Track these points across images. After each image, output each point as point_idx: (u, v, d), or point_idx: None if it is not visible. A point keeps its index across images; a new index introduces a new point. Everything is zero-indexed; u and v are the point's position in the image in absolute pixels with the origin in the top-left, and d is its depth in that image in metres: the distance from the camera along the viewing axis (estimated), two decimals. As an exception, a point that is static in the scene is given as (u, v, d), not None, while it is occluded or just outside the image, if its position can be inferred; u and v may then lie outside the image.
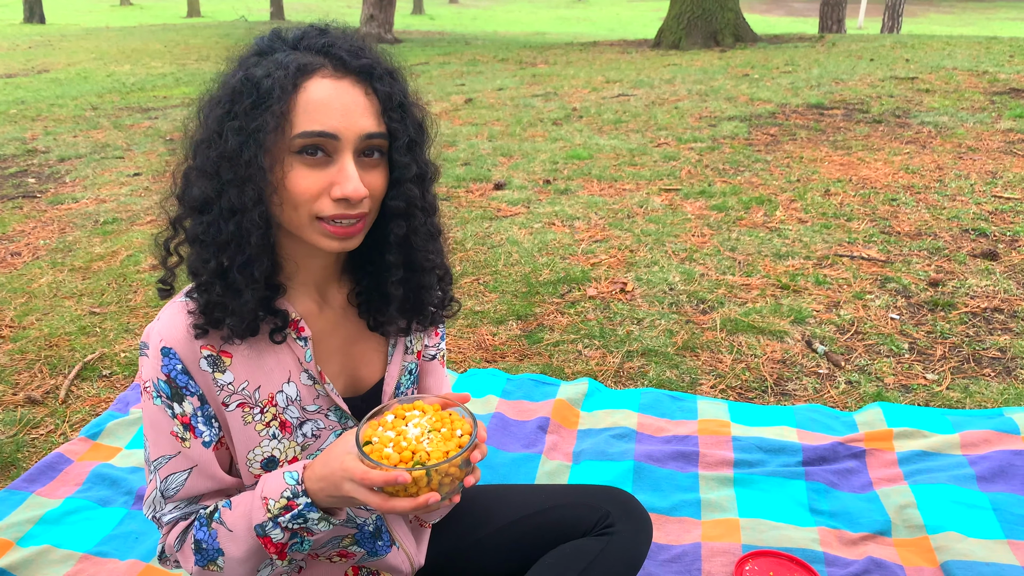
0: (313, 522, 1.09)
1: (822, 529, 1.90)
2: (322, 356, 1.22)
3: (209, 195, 1.06)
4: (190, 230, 1.10)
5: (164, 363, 1.11)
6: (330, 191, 1.04)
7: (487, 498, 1.52)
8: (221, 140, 1.04)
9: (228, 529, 1.12)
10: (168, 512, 1.17)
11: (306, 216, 1.06)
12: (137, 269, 3.65)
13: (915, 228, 3.80)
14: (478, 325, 3.02)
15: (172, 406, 1.13)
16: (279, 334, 1.14)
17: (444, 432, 1.05)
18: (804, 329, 2.89)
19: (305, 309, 1.20)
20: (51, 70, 11.87)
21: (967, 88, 6.86)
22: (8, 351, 2.90)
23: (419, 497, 0.99)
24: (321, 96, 1.03)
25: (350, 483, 1.01)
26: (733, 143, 5.50)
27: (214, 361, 1.13)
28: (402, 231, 1.13)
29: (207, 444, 1.15)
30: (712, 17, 11.27)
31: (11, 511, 2.03)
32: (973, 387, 2.50)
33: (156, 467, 1.16)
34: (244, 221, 1.04)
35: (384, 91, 1.06)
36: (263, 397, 1.16)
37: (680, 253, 3.61)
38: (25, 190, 5.09)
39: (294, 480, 1.08)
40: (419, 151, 1.11)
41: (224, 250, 1.07)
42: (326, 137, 1.03)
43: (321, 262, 1.19)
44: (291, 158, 1.04)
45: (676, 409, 2.42)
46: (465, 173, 5.01)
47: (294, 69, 1.03)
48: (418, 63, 11.30)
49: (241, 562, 1.13)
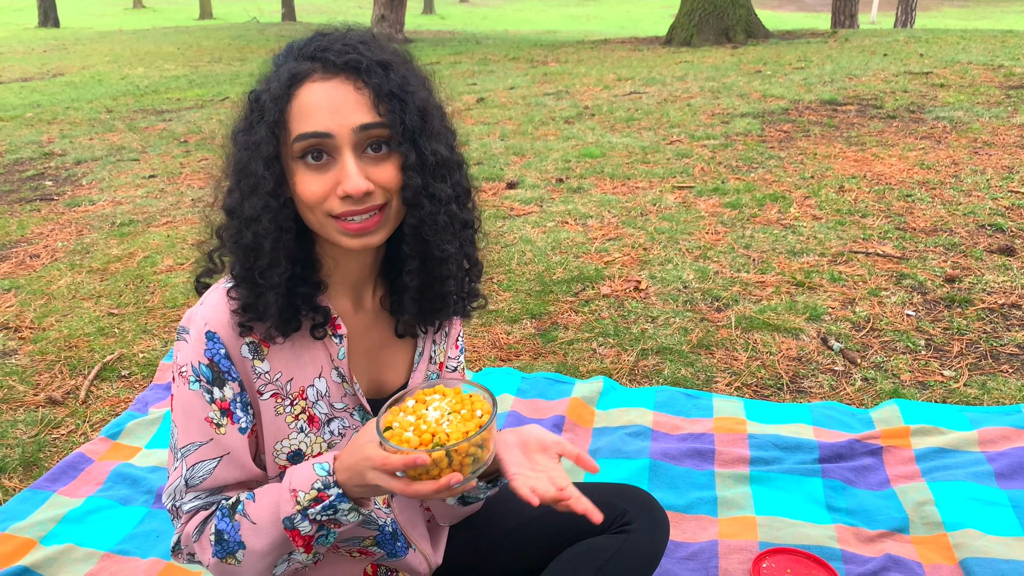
0: (343, 513, 1.09)
1: (839, 526, 1.90)
2: (351, 356, 1.24)
3: (234, 205, 1.11)
4: (225, 236, 1.16)
5: (208, 347, 1.13)
6: (336, 190, 1.06)
7: (502, 497, 1.53)
8: (238, 154, 1.10)
9: (252, 522, 1.13)
10: (188, 501, 1.18)
11: (322, 217, 1.08)
12: (154, 270, 3.68)
13: (931, 224, 3.77)
14: (492, 324, 3.03)
15: (212, 391, 1.14)
16: (320, 330, 1.17)
17: (464, 413, 1.05)
18: (819, 326, 2.88)
19: (341, 308, 1.22)
20: (66, 73, 11.98)
21: (982, 82, 6.81)
22: (29, 352, 2.94)
23: (441, 479, 1.00)
24: (311, 99, 1.05)
25: (373, 471, 1.02)
26: (746, 140, 5.48)
27: (255, 349, 1.15)
28: (414, 221, 1.12)
29: (243, 431, 1.16)
30: (724, 14, 11.22)
31: (34, 510, 2.06)
32: (991, 383, 2.49)
33: (184, 454, 1.17)
34: (258, 229, 1.08)
35: (375, 83, 1.06)
36: (294, 390, 1.18)
37: (694, 251, 3.60)
38: (43, 193, 5.14)
39: (325, 471, 1.09)
40: (423, 139, 1.09)
41: (248, 254, 1.10)
42: (320, 137, 1.05)
43: (356, 262, 1.20)
44: (296, 164, 1.07)
45: (692, 407, 2.42)
46: (478, 172, 5.02)
47: (286, 79, 1.06)
48: (429, 63, 11.25)
49: (261, 556, 1.14)
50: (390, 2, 15.14)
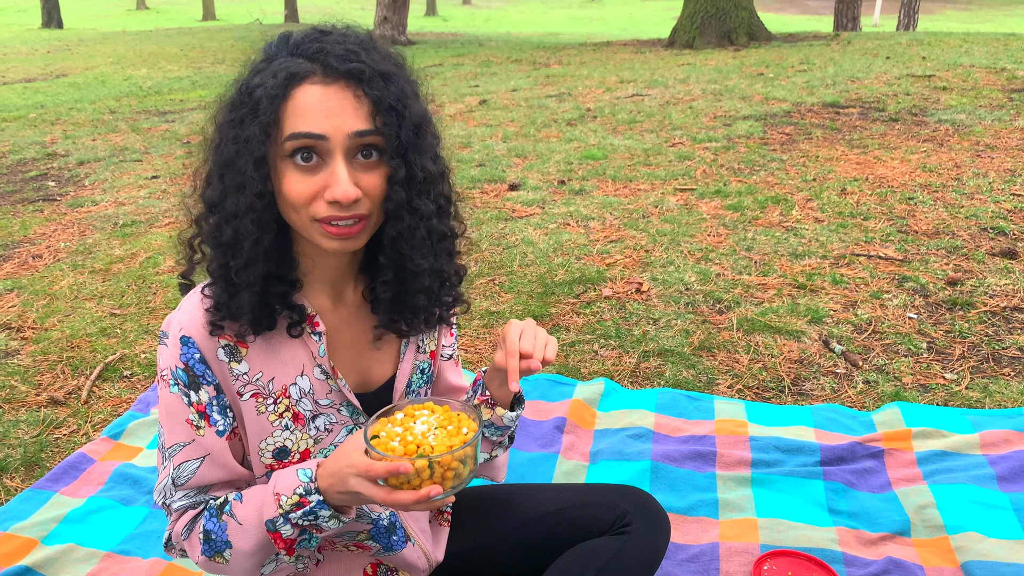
0: (323, 519, 1.10)
1: (840, 529, 1.89)
2: (335, 352, 1.24)
3: (215, 198, 1.10)
4: (204, 229, 1.14)
5: (183, 352, 1.14)
6: (324, 193, 1.05)
7: (505, 497, 1.53)
8: (223, 147, 1.08)
9: (238, 522, 1.13)
10: (178, 500, 1.19)
11: (306, 218, 1.08)
12: (156, 271, 3.69)
13: (933, 227, 3.77)
14: (494, 325, 3.03)
15: (188, 394, 1.15)
16: (296, 328, 1.17)
17: (450, 429, 1.06)
18: (821, 329, 2.88)
19: (320, 305, 1.22)
20: (69, 74, 12.00)
21: (985, 86, 6.81)
22: (31, 352, 2.94)
23: (421, 490, 1.00)
24: (309, 101, 1.04)
25: (355, 478, 1.02)
26: (748, 142, 5.49)
27: (231, 351, 1.15)
28: (393, 232, 1.13)
29: (220, 433, 1.17)
30: (726, 16, 11.23)
31: (36, 510, 2.06)
32: (992, 387, 2.48)
33: (170, 454, 1.18)
34: (240, 226, 1.07)
35: (375, 94, 1.05)
36: (276, 388, 1.18)
37: (696, 253, 3.60)
38: (46, 193, 5.15)
39: (307, 477, 1.10)
40: (414, 155, 1.09)
41: (226, 252, 1.10)
42: (314, 138, 1.04)
43: (336, 261, 1.20)
44: (284, 163, 1.06)
45: (693, 409, 2.42)
46: (480, 174, 5.03)
47: (283, 78, 1.04)
48: (432, 65, 11.33)
49: (248, 556, 1.14)
50: (393, 4, 15.17)
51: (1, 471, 2.25)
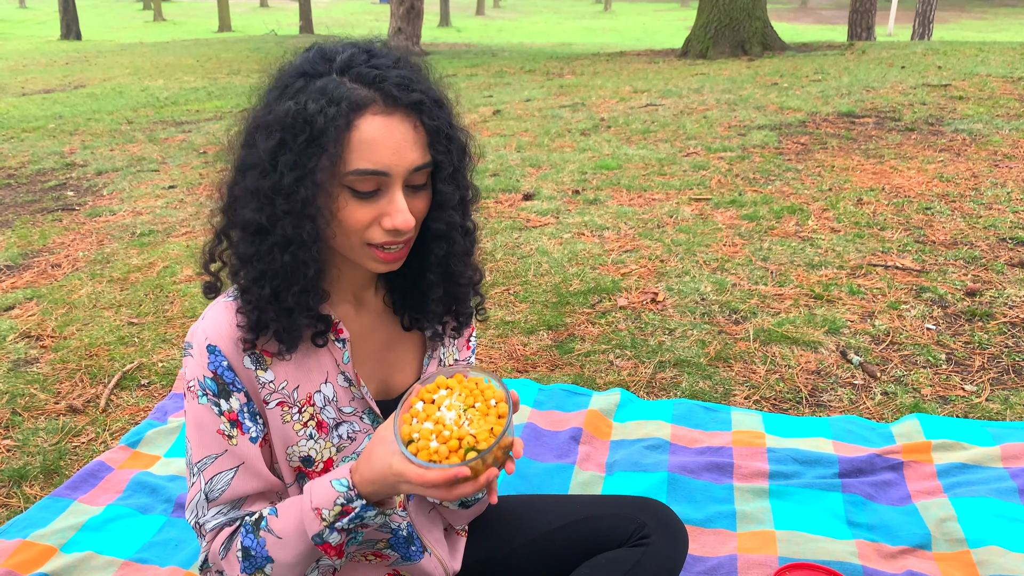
0: (370, 519, 1.12)
1: (860, 542, 1.88)
2: (357, 359, 1.25)
3: (262, 222, 1.07)
4: (242, 250, 1.11)
5: (211, 360, 1.14)
6: (381, 221, 1.08)
7: (521, 508, 1.53)
8: (275, 172, 1.05)
9: (277, 536, 1.14)
10: (212, 518, 1.18)
11: (358, 243, 1.10)
12: (173, 280, 3.71)
13: (950, 237, 3.74)
14: (509, 335, 3.03)
15: (219, 403, 1.15)
16: (321, 338, 1.17)
17: (479, 407, 1.05)
18: (838, 339, 2.86)
19: (343, 312, 1.23)
20: (87, 85, 12.14)
21: (1002, 95, 6.76)
22: (50, 361, 2.97)
23: (480, 479, 1.01)
24: (373, 134, 1.04)
25: (407, 484, 1.04)
26: (763, 152, 5.47)
27: (257, 359, 1.16)
28: (442, 252, 1.17)
29: (254, 440, 1.17)
30: (739, 26, 11.21)
31: (55, 518, 2.07)
32: (1013, 398, 2.46)
33: (200, 468, 1.17)
34: (301, 254, 1.08)
35: (432, 124, 1.08)
36: (301, 397, 1.19)
37: (711, 263, 3.59)
38: (64, 203, 5.20)
39: (345, 487, 1.10)
40: (461, 177, 1.16)
41: (278, 277, 1.09)
42: (379, 175, 1.06)
43: (364, 272, 1.22)
44: (341, 190, 1.07)
45: (710, 420, 2.41)
46: (494, 184, 5.04)
47: (346, 107, 1.03)
48: (446, 75, 11.27)
49: (291, 567, 1.15)
50: (407, 15, 15.25)
51: (21, 479, 2.27)
